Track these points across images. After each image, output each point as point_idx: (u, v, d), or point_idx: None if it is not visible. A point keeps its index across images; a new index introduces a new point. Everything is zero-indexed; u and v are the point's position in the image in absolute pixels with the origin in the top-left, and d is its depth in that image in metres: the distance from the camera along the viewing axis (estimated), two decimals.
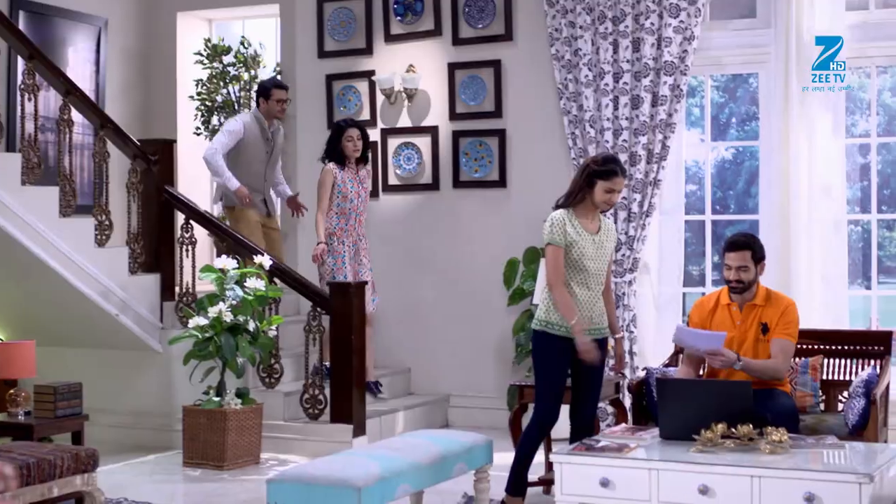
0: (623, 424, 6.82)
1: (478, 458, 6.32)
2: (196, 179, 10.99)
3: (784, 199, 8.80)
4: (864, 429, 6.36)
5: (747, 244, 6.53)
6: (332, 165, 8.95)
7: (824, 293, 8.75)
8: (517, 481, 6.55)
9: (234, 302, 8.23)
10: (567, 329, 6.36)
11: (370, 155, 9.34)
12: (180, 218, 9.18)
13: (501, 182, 9.83)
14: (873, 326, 9.08)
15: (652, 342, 9.21)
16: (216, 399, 8.28)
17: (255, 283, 8.29)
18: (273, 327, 8.51)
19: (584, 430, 6.51)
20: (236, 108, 10.62)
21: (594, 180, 6.42)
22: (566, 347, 6.39)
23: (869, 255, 9.34)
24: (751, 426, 5.61)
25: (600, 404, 7.58)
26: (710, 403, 5.75)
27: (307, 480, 5.54)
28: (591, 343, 6.37)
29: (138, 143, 9.07)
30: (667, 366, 7.23)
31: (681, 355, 7.15)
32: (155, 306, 9.08)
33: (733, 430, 5.62)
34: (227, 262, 8.37)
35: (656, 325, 9.27)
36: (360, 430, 8.51)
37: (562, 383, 6.48)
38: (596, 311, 6.47)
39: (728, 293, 6.62)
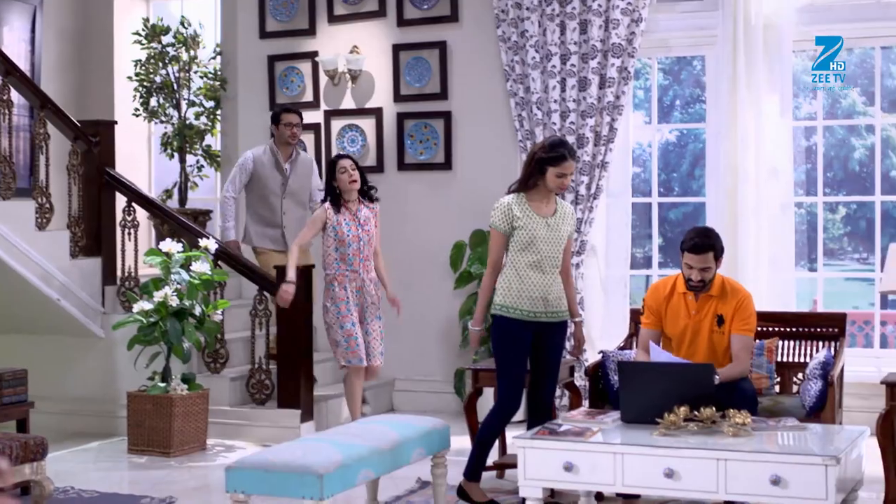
0: (581, 408, 6.77)
1: (436, 443, 6.23)
2: (133, 161, 10.78)
3: (732, 182, 8.80)
4: (821, 410, 6.37)
5: (710, 245, 6.26)
6: (326, 205, 8.22)
7: (771, 275, 8.76)
8: (476, 466, 6.52)
9: (179, 286, 8.10)
10: (524, 312, 6.32)
11: (369, 189, 8.42)
12: (121, 200, 9.02)
13: (447, 164, 9.75)
14: (818, 308, 9.13)
15: (600, 325, 9.19)
16: (162, 385, 8.15)
17: (201, 267, 8.17)
18: (219, 311, 8.39)
19: (542, 414, 6.47)
20: (175, 88, 10.44)
21: (544, 167, 6.35)
22: (525, 330, 6.35)
23: (814, 238, 9.39)
24: (713, 409, 5.59)
25: None
26: (671, 386, 5.70)
27: (267, 467, 5.43)
28: (477, 335, 6.61)
29: (79, 125, 8.89)
30: (622, 348, 7.19)
31: (634, 338, 7.13)
32: (96, 291, 8.91)
33: (695, 412, 5.59)
34: (173, 246, 8.23)
35: (604, 307, 9.26)
36: (307, 416, 8.44)
37: (523, 368, 6.42)
38: (552, 294, 6.40)
39: (684, 282, 6.52)
